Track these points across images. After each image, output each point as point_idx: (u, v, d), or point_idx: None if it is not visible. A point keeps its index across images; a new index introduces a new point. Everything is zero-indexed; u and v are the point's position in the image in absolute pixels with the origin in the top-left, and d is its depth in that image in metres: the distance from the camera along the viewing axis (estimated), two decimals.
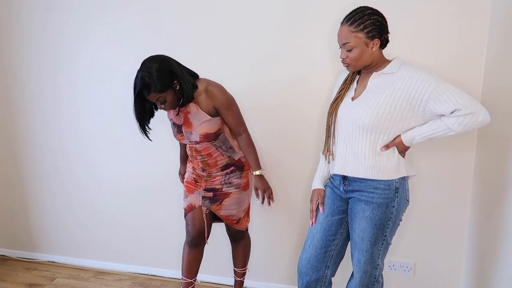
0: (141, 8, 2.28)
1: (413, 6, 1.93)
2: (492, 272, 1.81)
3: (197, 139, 1.89)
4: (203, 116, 1.85)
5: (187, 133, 1.90)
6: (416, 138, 1.57)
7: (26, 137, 2.66)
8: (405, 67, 1.55)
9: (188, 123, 1.88)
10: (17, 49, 2.53)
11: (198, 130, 1.86)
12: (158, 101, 1.76)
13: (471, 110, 1.45)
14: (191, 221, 2.03)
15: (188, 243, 2.06)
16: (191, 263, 2.10)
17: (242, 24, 2.17)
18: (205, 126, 1.86)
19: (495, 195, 1.80)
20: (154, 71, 1.69)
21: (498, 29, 1.79)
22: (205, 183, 2.00)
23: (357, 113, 1.57)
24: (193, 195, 2.03)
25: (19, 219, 2.82)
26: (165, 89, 1.72)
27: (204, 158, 1.94)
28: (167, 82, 1.72)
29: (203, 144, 1.91)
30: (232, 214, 2.04)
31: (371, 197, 1.59)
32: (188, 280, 2.12)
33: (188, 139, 1.92)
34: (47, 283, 2.57)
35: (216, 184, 1.99)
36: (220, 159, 1.95)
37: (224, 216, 2.03)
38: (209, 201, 2.01)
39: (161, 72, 1.71)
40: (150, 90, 1.70)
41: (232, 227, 2.08)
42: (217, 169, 1.97)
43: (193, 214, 2.02)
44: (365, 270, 1.67)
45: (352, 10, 1.55)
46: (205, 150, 1.92)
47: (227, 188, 1.99)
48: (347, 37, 1.53)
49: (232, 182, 1.99)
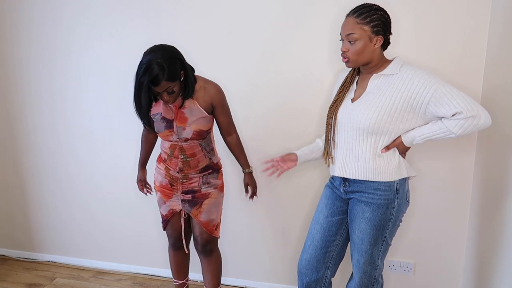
0: (142, 8, 2.28)
1: (413, 6, 1.93)
2: (492, 272, 1.81)
3: (189, 135, 1.79)
4: (200, 112, 1.79)
5: (179, 128, 1.78)
6: (416, 139, 1.56)
7: (26, 137, 2.66)
8: (406, 68, 1.54)
9: (182, 118, 1.77)
10: (16, 49, 2.52)
11: (193, 126, 1.78)
12: (165, 91, 1.63)
13: (473, 113, 1.44)
14: (173, 225, 2.01)
15: (172, 246, 2.07)
16: (179, 265, 2.11)
17: (242, 24, 2.16)
18: (201, 123, 1.80)
19: (495, 196, 1.80)
20: (166, 59, 1.59)
21: (498, 29, 1.79)
22: (182, 185, 1.89)
23: (357, 115, 1.56)
24: (172, 200, 1.94)
25: (19, 219, 2.82)
26: (175, 78, 1.63)
27: (187, 158, 1.84)
28: (178, 71, 1.64)
29: (191, 142, 1.82)
30: (212, 219, 1.94)
31: (371, 198, 1.59)
32: (181, 281, 2.12)
33: (178, 136, 1.80)
34: (47, 283, 2.57)
35: (194, 185, 1.89)
36: (202, 160, 1.87)
37: (205, 222, 1.92)
38: (189, 205, 1.91)
39: (172, 60, 1.62)
40: (161, 79, 1.58)
41: (211, 234, 1.95)
42: (195, 170, 1.87)
43: (175, 218, 1.99)
44: (365, 270, 1.67)
45: (359, 4, 1.56)
46: (190, 149, 1.83)
47: (206, 188, 1.91)
48: (353, 28, 1.52)
49: (210, 182, 1.92)
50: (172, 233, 2.02)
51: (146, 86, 1.60)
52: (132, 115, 2.40)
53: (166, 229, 2.03)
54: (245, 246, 2.45)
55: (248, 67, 2.20)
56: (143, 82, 1.59)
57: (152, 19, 2.28)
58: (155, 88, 1.61)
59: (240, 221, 2.41)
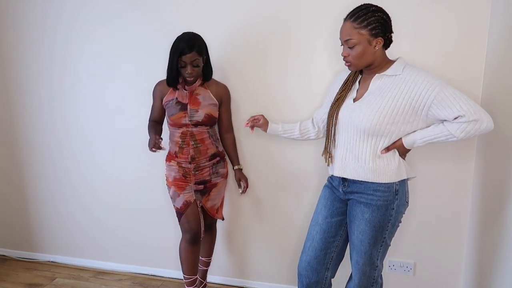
0: (143, 9, 2.27)
1: (413, 5, 1.92)
2: (492, 273, 1.81)
3: (200, 118, 1.99)
4: (211, 99, 2.03)
5: (192, 111, 1.98)
6: (417, 141, 1.55)
7: (26, 137, 2.66)
8: (409, 70, 1.52)
9: (196, 101, 2.00)
10: (17, 49, 2.52)
11: (205, 109, 2.00)
12: (192, 63, 1.88)
13: (475, 117, 1.43)
14: (189, 217, 2.03)
15: (188, 241, 2.06)
16: (194, 260, 2.11)
17: (241, 22, 2.16)
18: (211, 108, 2.02)
19: (495, 196, 1.80)
20: (198, 37, 1.91)
21: (498, 29, 1.78)
22: (194, 176, 2.05)
23: (358, 116, 1.55)
24: (186, 191, 2.05)
25: (19, 219, 2.82)
26: (202, 53, 1.90)
27: (197, 144, 2.02)
28: (204, 50, 1.94)
29: (200, 128, 2.01)
30: (215, 203, 2.15)
31: (370, 199, 1.58)
32: (194, 277, 2.12)
33: (190, 118, 1.98)
34: (47, 283, 2.57)
35: (205, 176, 2.06)
36: (210, 147, 2.06)
37: (209, 207, 2.13)
38: (200, 194, 2.09)
39: (202, 40, 1.94)
40: (193, 48, 1.86)
41: (213, 217, 2.18)
42: (205, 158, 2.05)
43: (190, 210, 2.04)
44: (364, 271, 1.66)
45: (357, 7, 1.52)
46: (200, 135, 2.02)
47: (215, 178, 2.10)
48: (350, 34, 1.50)
49: (218, 172, 2.11)
50: (189, 226, 2.04)
51: (178, 53, 1.86)
52: (132, 114, 2.43)
53: (182, 223, 2.06)
54: (245, 246, 2.45)
55: (248, 67, 2.20)
56: (177, 48, 1.87)
57: (153, 20, 2.27)
58: (184, 57, 1.86)
59: (240, 221, 2.41)
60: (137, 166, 2.50)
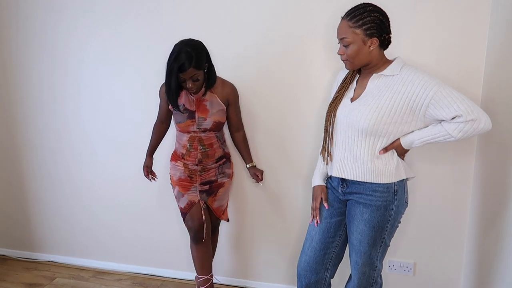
0: (143, 9, 2.27)
1: (413, 6, 1.91)
2: (492, 273, 1.80)
3: (208, 126, 1.97)
4: (219, 105, 1.99)
5: (201, 119, 1.96)
6: (415, 142, 1.54)
7: (26, 137, 2.66)
8: (406, 70, 1.52)
9: (205, 109, 1.96)
10: (18, 49, 2.52)
11: (213, 117, 1.97)
12: (191, 78, 1.82)
13: (473, 117, 1.42)
14: (191, 216, 2.04)
15: (193, 239, 2.07)
16: (202, 259, 2.10)
17: (241, 22, 2.16)
18: (219, 115, 1.99)
19: (495, 196, 1.80)
20: (194, 49, 1.80)
21: (498, 29, 1.78)
22: (200, 177, 2.05)
23: (356, 116, 1.55)
24: (190, 192, 2.06)
25: (19, 219, 2.82)
26: (201, 67, 1.82)
27: (205, 148, 2.01)
28: (203, 62, 1.84)
29: (209, 133, 2.00)
30: (222, 204, 2.16)
31: (369, 199, 1.58)
32: (205, 277, 2.11)
33: (198, 126, 1.97)
34: (47, 283, 2.57)
35: (211, 176, 2.06)
36: (217, 150, 2.05)
37: (216, 208, 2.13)
38: (206, 194, 2.08)
39: (199, 51, 1.83)
40: (189, 65, 1.77)
41: (218, 218, 2.18)
42: (212, 160, 2.05)
43: (194, 209, 2.05)
44: (363, 272, 1.66)
45: (354, 6, 1.52)
46: (208, 140, 2.01)
47: (221, 178, 2.10)
48: (345, 32, 1.50)
49: (225, 172, 2.11)
50: (192, 224, 2.05)
51: (175, 72, 1.79)
52: (132, 114, 2.43)
53: (186, 220, 2.07)
54: (245, 246, 2.45)
55: (248, 66, 2.19)
56: (172, 68, 1.79)
57: (154, 20, 2.26)
58: (182, 75, 1.80)
59: (240, 221, 2.41)
60: (138, 166, 2.49)
